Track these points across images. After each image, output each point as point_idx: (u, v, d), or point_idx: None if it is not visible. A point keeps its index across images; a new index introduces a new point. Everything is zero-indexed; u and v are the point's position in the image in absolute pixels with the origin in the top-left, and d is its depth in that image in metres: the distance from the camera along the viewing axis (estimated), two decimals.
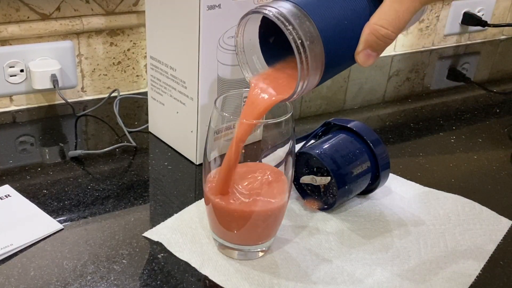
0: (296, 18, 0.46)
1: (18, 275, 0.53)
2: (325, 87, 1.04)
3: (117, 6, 0.88)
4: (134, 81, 0.94)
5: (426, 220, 0.65)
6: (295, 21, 0.46)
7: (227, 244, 0.56)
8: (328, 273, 0.56)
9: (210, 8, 0.63)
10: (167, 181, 0.69)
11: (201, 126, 0.70)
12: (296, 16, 0.46)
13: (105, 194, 0.66)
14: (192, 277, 0.54)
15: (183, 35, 0.67)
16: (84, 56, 0.88)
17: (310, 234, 0.61)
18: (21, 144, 0.77)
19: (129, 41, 0.91)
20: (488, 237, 0.62)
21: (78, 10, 0.85)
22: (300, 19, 0.46)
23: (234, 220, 0.54)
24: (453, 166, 0.77)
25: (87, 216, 0.62)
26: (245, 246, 0.56)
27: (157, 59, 0.73)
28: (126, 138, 0.78)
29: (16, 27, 0.81)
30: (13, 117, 0.84)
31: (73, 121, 0.84)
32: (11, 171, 0.70)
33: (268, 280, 0.54)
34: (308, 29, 0.46)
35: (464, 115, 0.94)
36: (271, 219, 0.55)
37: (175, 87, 0.71)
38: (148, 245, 0.58)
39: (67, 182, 0.68)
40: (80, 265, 0.55)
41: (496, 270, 0.58)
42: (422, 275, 0.56)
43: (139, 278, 0.53)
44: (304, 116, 0.92)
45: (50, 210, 0.63)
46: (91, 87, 0.91)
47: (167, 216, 0.62)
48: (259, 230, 0.55)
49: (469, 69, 1.20)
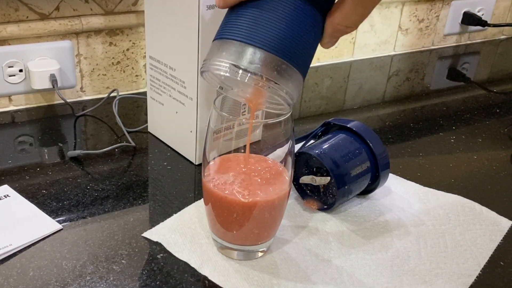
0: (251, 62, 0.46)
1: (17, 275, 0.53)
2: (324, 87, 1.04)
3: (116, 6, 0.87)
4: (133, 81, 0.94)
5: (426, 220, 0.64)
6: (251, 65, 0.45)
7: (227, 244, 0.56)
8: (328, 274, 0.55)
9: (210, 7, 0.63)
10: (166, 181, 0.69)
11: (200, 126, 0.70)
12: (250, 59, 0.46)
13: (104, 194, 0.66)
14: (191, 278, 0.54)
15: (182, 34, 0.66)
16: (83, 56, 0.88)
17: (310, 234, 0.61)
18: (20, 144, 0.77)
19: (128, 41, 0.91)
20: (488, 237, 0.62)
21: (77, 10, 0.85)
22: (253, 55, 0.46)
23: (233, 217, 0.53)
24: (453, 166, 0.77)
25: (86, 216, 0.62)
26: (244, 246, 0.56)
27: (156, 59, 0.73)
28: (125, 138, 0.78)
29: (15, 27, 0.81)
30: (12, 117, 0.84)
31: (72, 121, 0.84)
32: (10, 171, 0.70)
33: (268, 280, 0.54)
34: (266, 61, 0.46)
35: (464, 115, 0.94)
36: (272, 213, 0.54)
37: (174, 87, 0.71)
38: (148, 245, 0.58)
39: (66, 182, 0.68)
40: (79, 266, 0.55)
41: (496, 270, 0.58)
42: (422, 275, 0.56)
43: (138, 279, 0.53)
44: (303, 116, 0.92)
45: (49, 210, 0.62)
46: (90, 87, 0.91)
47: (166, 216, 0.62)
48: (259, 227, 0.55)
49: (469, 69, 1.20)
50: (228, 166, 0.56)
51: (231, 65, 0.46)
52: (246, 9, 0.47)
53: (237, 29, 0.47)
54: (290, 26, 0.46)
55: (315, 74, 1.08)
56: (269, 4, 0.46)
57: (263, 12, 0.46)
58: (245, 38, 0.46)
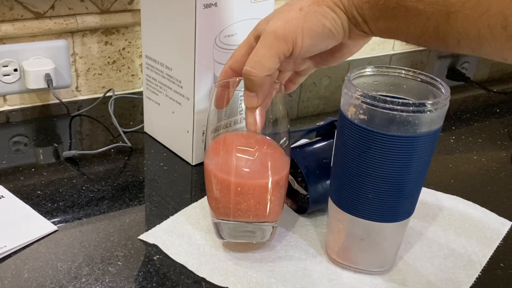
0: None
1: (11, 277, 0.52)
2: (322, 86, 1.03)
3: (112, 5, 0.87)
4: (129, 81, 0.94)
5: (425, 220, 0.64)
6: None
7: (232, 223, 0.55)
8: (327, 274, 0.55)
9: (206, 6, 0.63)
10: (162, 182, 0.69)
11: (197, 126, 0.69)
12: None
13: (100, 195, 0.65)
14: (188, 279, 0.53)
15: (179, 34, 0.66)
16: (78, 55, 0.87)
17: (309, 234, 0.60)
18: (14, 145, 0.77)
19: (124, 40, 0.90)
20: (488, 238, 0.62)
21: (72, 8, 0.84)
22: None
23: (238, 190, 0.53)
24: (452, 166, 0.77)
25: (82, 217, 0.61)
26: (249, 223, 0.55)
27: (152, 58, 0.72)
28: (121, 138, 0.77)
29: (9, 26, 0.80)
30: (7, 117, 0.84)
31: (67, 121, 0.83)
32: (5, 172, 0.69)
33: (267, 280, 0.53)
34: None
35: (464, 115, 0.93)
36: (274, 191, 0.54)
37: (171, 87, 0.70)
38: (144, 246, 0.57)
39: (61, 183, 0.67)
40: (75, 267, 0.54)
41: (496, 271, 0.57)
42: (422, 277, 0.55)
43: (134, 280, 0.53)
44: (301, 116, 0.92)
45: (44, 211, 0.62)
46: (85, 86, 0.90)
47: (162, 217, 0.62)
48: (262, 201, 0.54)
49: (469, 68, 1.20)
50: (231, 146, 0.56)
51: None
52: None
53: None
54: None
55: (313, 74, 1.07)
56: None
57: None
58: None
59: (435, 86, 0.51)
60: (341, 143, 0.51)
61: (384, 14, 0.46)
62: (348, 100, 0.49)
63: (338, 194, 0.53)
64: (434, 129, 0.48)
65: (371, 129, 0.47)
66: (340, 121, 0.51)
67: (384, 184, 0.49)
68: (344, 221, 0.53)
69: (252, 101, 0.53)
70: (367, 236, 0.53)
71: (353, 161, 0.50)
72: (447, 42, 0.44)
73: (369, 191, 0.50)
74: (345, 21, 0.49)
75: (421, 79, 0.52)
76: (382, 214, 0.51)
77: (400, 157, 0.48)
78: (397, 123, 0.46)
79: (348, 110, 0.49)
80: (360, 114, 0.48)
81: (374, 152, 0.48)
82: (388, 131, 0.47)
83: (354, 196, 0.51)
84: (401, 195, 0.50)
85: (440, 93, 0.51)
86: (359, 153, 0.49)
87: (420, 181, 0.51)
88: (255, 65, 0.50)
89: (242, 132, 0.56)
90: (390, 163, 0.48)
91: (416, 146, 0.48)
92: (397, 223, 0.52)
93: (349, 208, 0.52)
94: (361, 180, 0.50)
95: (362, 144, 0.48)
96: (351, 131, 0.49)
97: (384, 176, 0.49)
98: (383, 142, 0.47)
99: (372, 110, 0.47)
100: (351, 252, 0.55)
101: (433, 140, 0.49)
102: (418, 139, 0.47)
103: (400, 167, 0.48)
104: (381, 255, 0.55)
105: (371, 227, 0.52)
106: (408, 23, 0.45)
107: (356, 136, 0.48)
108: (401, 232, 0.54)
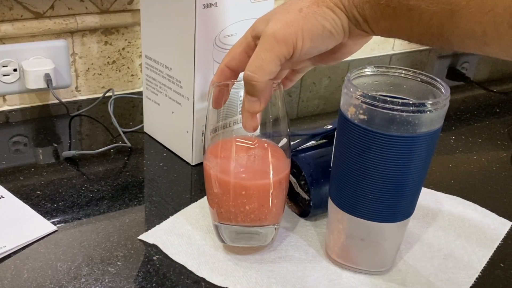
0: None
1: (11, 278, 0.52)
2: (322, 86, 1.03)
3: (112, 5, 0.87)
4: (129, 81, 0.94)
5: (425, 220, 0.64)
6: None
7: (233, 227, 0.55)
8: (327, 274, 0.55)
9: (206, 6, 0.63)
10: (162, 182, 0.69)
11: (197, 126, 0.69)
12: None
13: (100, 195, 0.65)
14: (187, 279, 0.53)
15: (178, 33, 0.66)
16: (78, 55, 0.87)
17: (309, 234, 0.60)
18: (14, 145, 0.77)
19: (124, 40, 0.90)
20: (488, 238, 0.62)
21: (72, 8, 0.84)
22: None
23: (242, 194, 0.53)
24: (452, 166, 0.77)
25: (81, 217, 0.61)
26: (251, 227, 0.55)
27: (152, 58, 0.72)
28: (120, 139, 0.77)
29: (9, 26, 0.80)
30: (6, 117, 0.84)
31: (67, 121, 0.83)
32: (4, 172, 0.69)
33: (267, 280, 0.53)
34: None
35: (464, 115, 0.93)
36: (274, 191, 0.54)
37: (170, 87, 0.70)
38: (143, 247, 0.57)
39: (61, 183, 0.67)
40: (74, 267, 0.54)
41: (496, 271, 0.57)
42: (422, 277, 0.55)
43: (134, 281, 0.53)
44: (301, 116, 0.91)
45: (43, 212, 0.62)
46: (85, 86, 0.90)
47: (162, 217, 0.62)
48: (263, 204, 0.54)
49: (469, 68, 1.20)
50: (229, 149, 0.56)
51: None
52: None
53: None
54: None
55: (313, 74, 1.07)
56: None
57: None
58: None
59: (435, 86, 0.51)
60: (341, 143, 0.51)
61: (386, 13, 0.46)
62: (348, 100, 0.49)
63: (338, 194, 0.53)
64: (434, 129, 0.48)
65: (371, 129, 0.47)
66: (340, 121, 0.51)
67: (384, 184, 0.49)
68: (344, 221, 0.53)
69: (254, 106, 0.52)
70: (367, 236, 0.53)
71: (353, 161, 0.50)
72: (451, 41, 0.43)
73: (369, 191, 0.50)
74: (345, 22, 0.49)
75: (421, 79, 0.52)
76: (382, 214, 0.51)
77: (400, 157, 0.48)
78: (397, 123, 0.46)
79: (348, 110, 0.49)
80: (360, 114, 0.48)
81: (374, 152, 0.48)
82: (388, 131, 0.47)
83: (354, 196, 0.51)
84: (401, 195, 0.50)
85: (440, 93, 0.51)
86: (359, 153, 0.49)
87: (420, 181, 0.51)
88: (256, 70, 0.50)
89: (241, 135, 0.56)
90: (390, 163, 0.48)
91: (416, 146, 0.47)
92: (397, 223, 0.52)
93: (349, 208, 0.52)
94: (361, 180, 0.50)
95: (362, 144, 0.48)
96: (351, 131, 0.49)
97: (384, 176, 0.49)
98: (383, 142, 0.47)
99: (372, 110, 0.47)
100: (351, 252, 0.55)
101: (433, 140, 0.49)
102: (418, 139, 0.47)
103: (400, 167, 0.48)
104: (381, 255, 0.55)
105: (371, 227, 0.52)
106: (410, 22, 0.45)
107: (356, 136, 0.48)
108: (401, 232, 0.54)
